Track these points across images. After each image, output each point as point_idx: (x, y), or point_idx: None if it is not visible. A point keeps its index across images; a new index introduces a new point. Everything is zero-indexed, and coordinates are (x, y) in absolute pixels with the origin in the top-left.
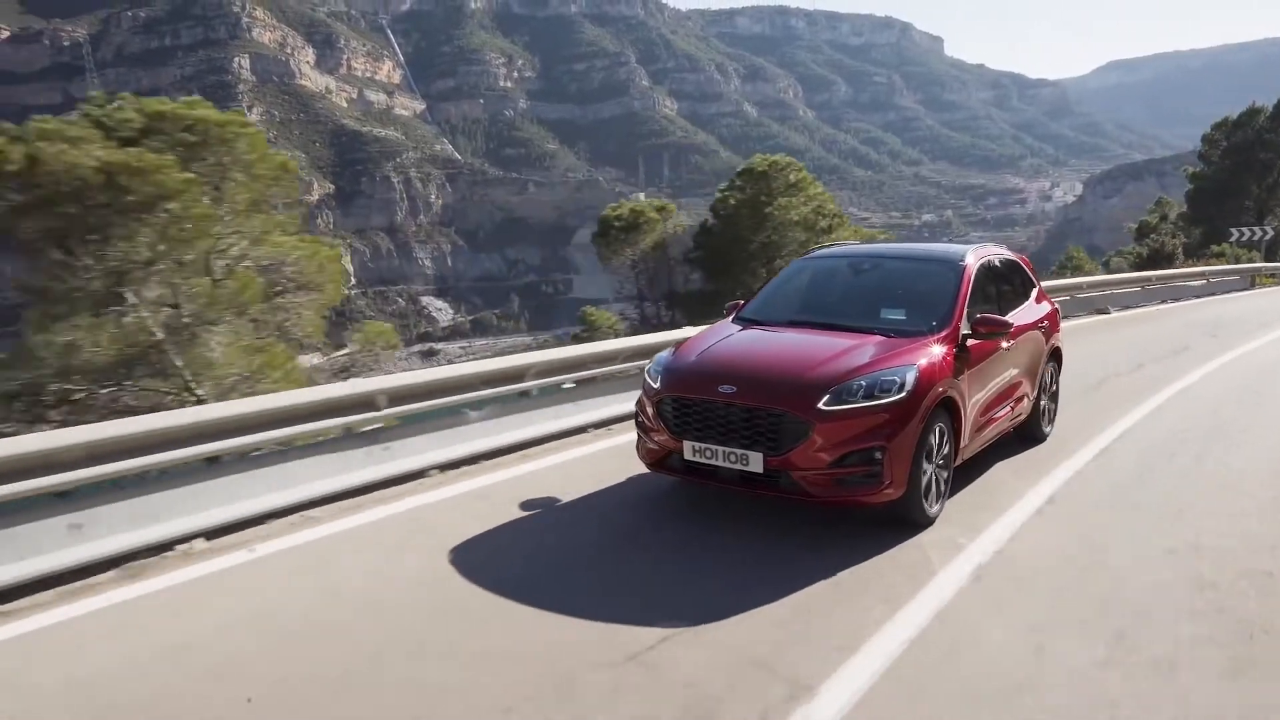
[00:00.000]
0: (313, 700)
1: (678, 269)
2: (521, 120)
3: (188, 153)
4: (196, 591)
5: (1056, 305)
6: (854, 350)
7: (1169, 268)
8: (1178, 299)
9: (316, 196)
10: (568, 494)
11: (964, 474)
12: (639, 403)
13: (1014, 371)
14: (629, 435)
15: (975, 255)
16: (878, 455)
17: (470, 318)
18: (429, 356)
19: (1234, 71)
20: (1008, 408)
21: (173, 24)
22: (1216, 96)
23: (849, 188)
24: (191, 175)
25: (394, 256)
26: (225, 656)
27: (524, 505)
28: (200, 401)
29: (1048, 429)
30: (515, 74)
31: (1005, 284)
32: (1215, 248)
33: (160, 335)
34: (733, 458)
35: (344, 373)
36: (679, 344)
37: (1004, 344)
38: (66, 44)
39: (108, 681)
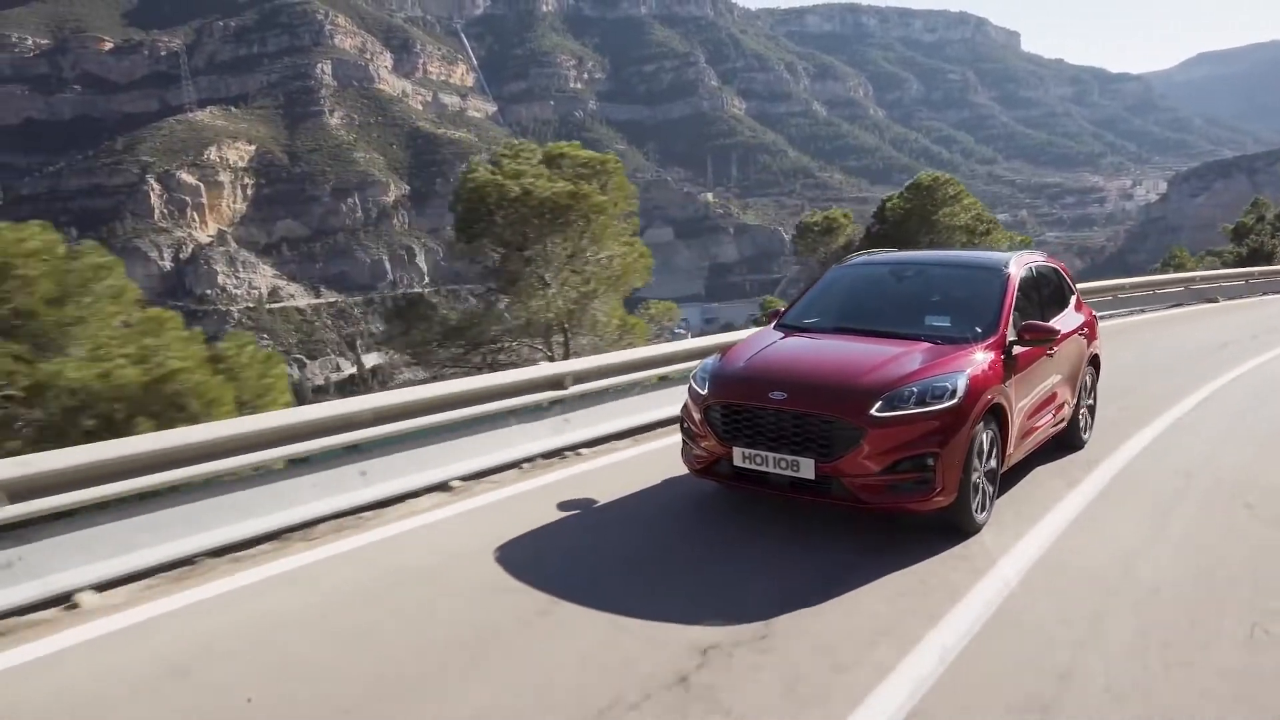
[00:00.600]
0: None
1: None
2: (591, 121)
3: (585, 179)
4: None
5: (1094, 313)
6: (903, 357)
7: (1268, 265)
8: (1277, 292)
9: (393, 197)
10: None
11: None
12: (685, 408)
13: (1056, 378)
14: None
15: (1018, 262)
16: (930, 462)
17: None
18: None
19: None
20: (1050, 414)
21: (260, 32)
22: None
23: None
24: (606, 197)
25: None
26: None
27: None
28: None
29: (1086, 436)
30: (585, 75)
31: (1046, 291)
32: None
33: (571, 306)
34: (783, 464)
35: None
36: (724, 350)
37: (1049, 351)
38: (163, 54)
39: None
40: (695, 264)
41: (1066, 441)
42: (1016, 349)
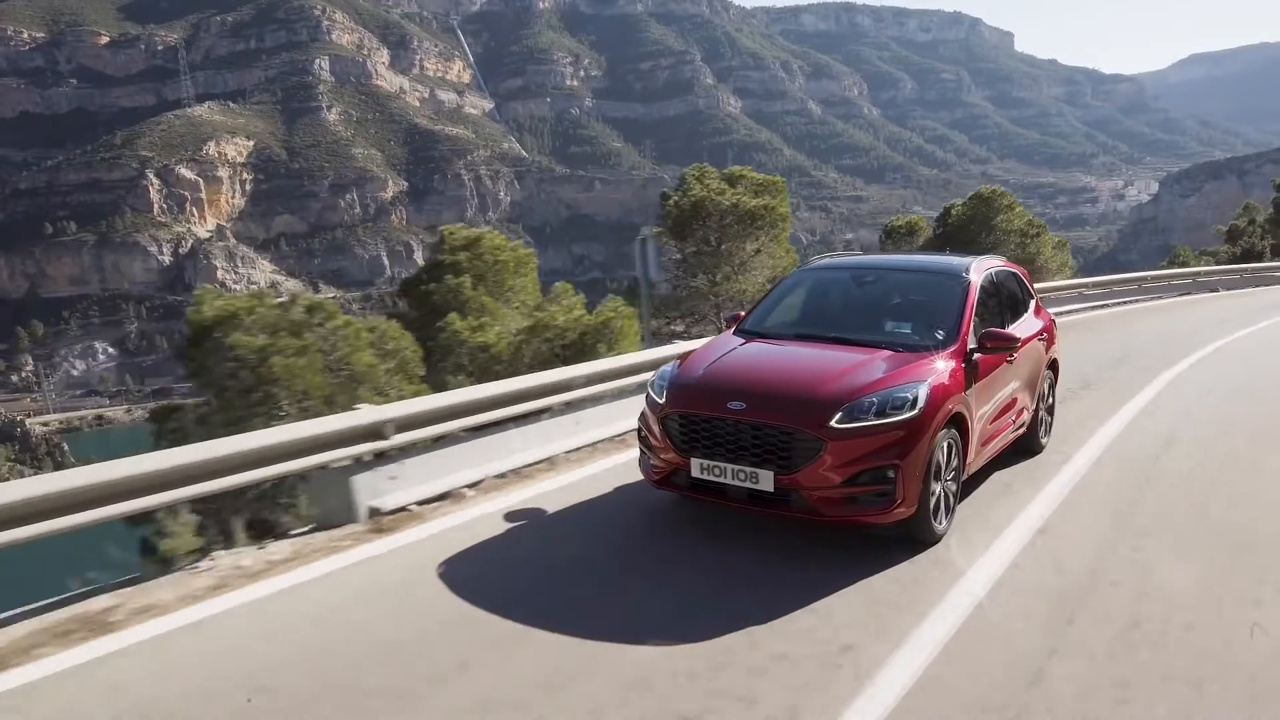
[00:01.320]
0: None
1: None
2: (587, 118)
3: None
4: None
5: (1053, 317)
6: (864, 366)
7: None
8: (1267, 284)
9: (391, 194)
10: None
11: None
12: (642, 417)
13: (1016, 385)
14: None
15: (978, 267)
16: (890, 474)
17: None
18: None
19: None
20: (1010, 421)
21: (257, 28)
22: None
23: (914, 186)
24: (787, 210)
25: None
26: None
27: None
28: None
29: (1044, 440)
30: (581, 73)
31: (1006, 297)
32: None
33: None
34: (742, 476)
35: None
36: (682, 357)
37: (1009, 357)
38: (160, 48)
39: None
40: None
41: (1024, 446)
42: (977, 356)
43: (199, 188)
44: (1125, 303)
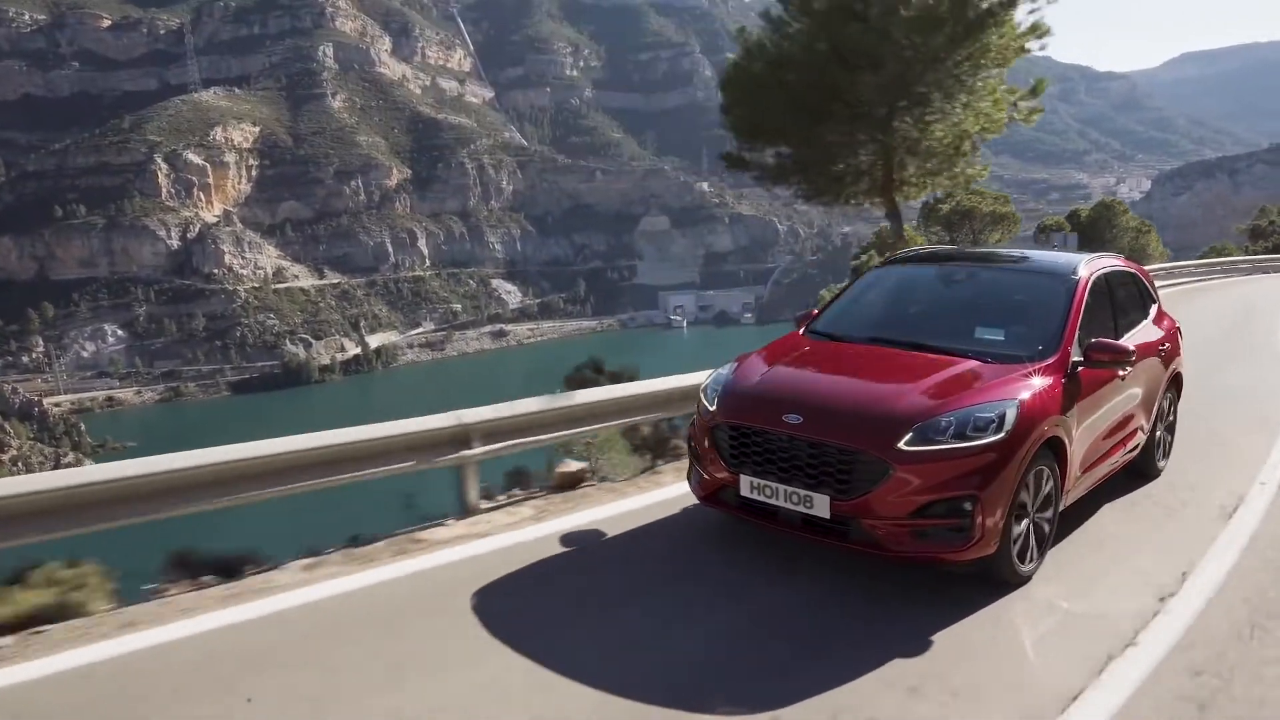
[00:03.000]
0: None
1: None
2: (586, 109)
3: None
4: None
5: (1178, 324)
6: (944, 379)
7: None
8: None
9: (395, 181)
10: None
11: None
12: (691, 426)
13: (1130, 403)
14: None
15: (1089, 267)
16: (967, 506)
17: (538, 301)
18: (499, 337)
19: None
20: (1120, 443)
21: (260, 13)
22: None
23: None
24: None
25: (466, 240)
26: None
27: None
28: None
29: (1161, 464)
30: (581, 63)
31: (1122, 300)
32: None
33: None
34: (795, 498)
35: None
36: (740, 359)
37: (1120, 371)
38: (162, 32)
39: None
40: (691, 252)
41: (1139, 469)
42: (1081, 370)
43: (206, 173)
44: (1185, 282)
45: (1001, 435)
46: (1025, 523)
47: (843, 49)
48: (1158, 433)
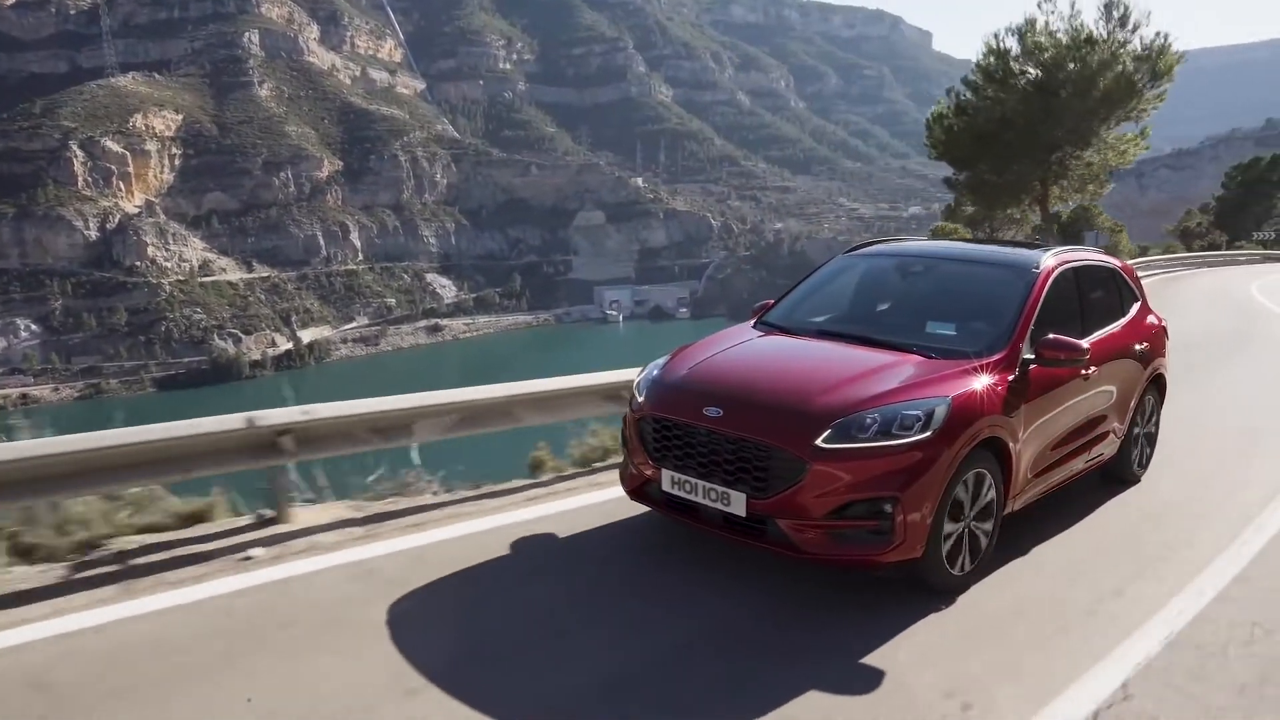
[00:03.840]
0: None
1: None
2: (520, 102)
3: None
4: None
5: (1164, 322)
6: (879, 373)
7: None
8: (1235, 265)
9: (326, 173)
10: None
11: None
12: (624, 418)
13: (1097, 404)
14: None
15: (1056, 259)
16: (887, 507)
17: (473, 295)
18: (434, 332)
19: (1211, 75)
20: (1085, 447)
21: None
22: (1191, 101)
23: (839, 178)
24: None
25: (400, 234)
26: None
27: None
28: None
29: (1139, 470)
30: (514, 56)
31: (1095, 295)
32: (1241, 242)
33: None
34: (713, 495)
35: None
36: (677, 350)
37: (1084, 371)
38: (73, 12)
39: None
40: (626, 247)
41: (1115, 474)
42: (1034, 368)
43: (126, 161)
44: (1157, 274)
45: (928, 434)
46: (959, 526)
47: (1042, 114)
48: (1137, 437)
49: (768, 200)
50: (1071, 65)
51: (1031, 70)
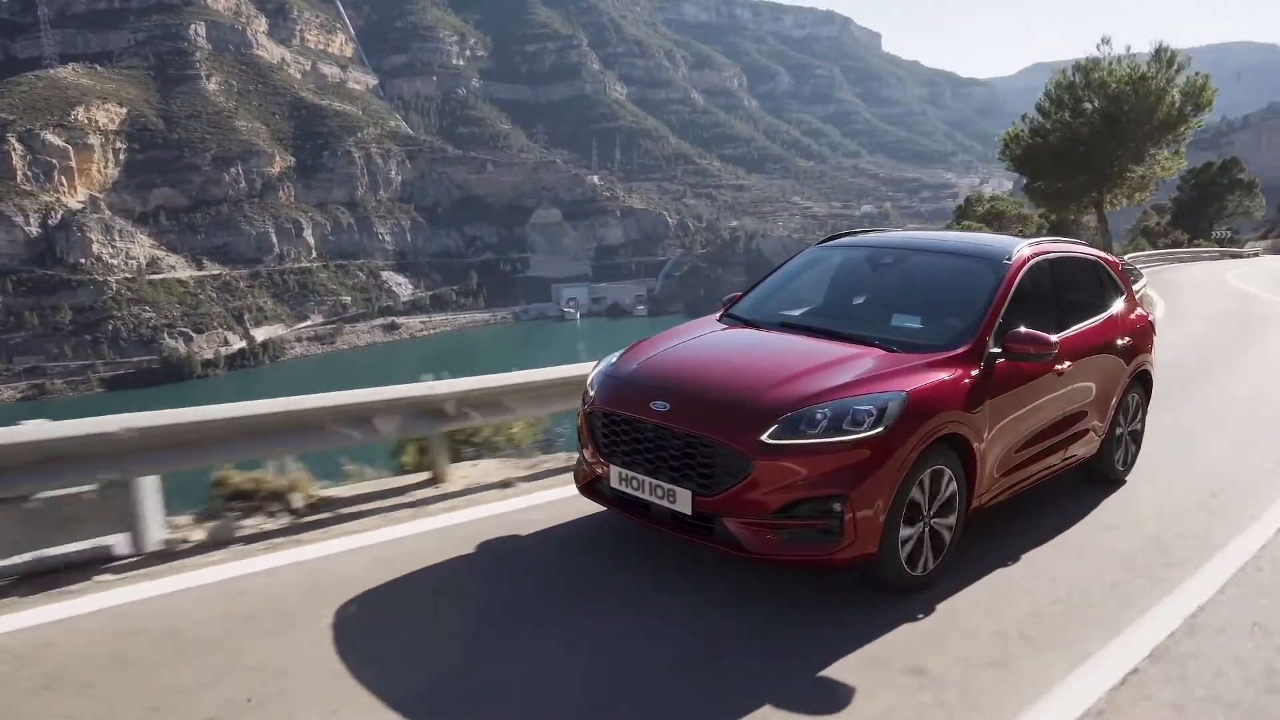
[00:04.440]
0: None
1: None
2: (474, 99)
3: None
4: None
5: (1150, 317)
6: (833, 366)
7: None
8: (1198, 260)
9: (278, 169)
10: None
11: None
12: (578, 414)
13: (1074, 401)
14: None
15: (1030, 250)
16: (836, 506)
17: (430, 293)
18: (391, 330)
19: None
20: (1059, 446)
21: None
22: None
23: (792, 177)
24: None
25: (355, 231)
26: None
27: None
28: None
29: (1123, 471)
30: (468, 52)
31: (1074, 288)
32: (1199, 240)
33: None
34: (659, 492)
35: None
36: (632, 345)
37: (1058, 366)
38: (4, 0)
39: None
40: (583, 245)
41: (1098, 474)
42: (1000, 362)
43: (68, 155)
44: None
45: (879, 430)
46: (917, 526)
47: (1107, 136)
48: (1120, 436)
49: (723, 198)
50: (1130, 98)
51: (1095, 100)
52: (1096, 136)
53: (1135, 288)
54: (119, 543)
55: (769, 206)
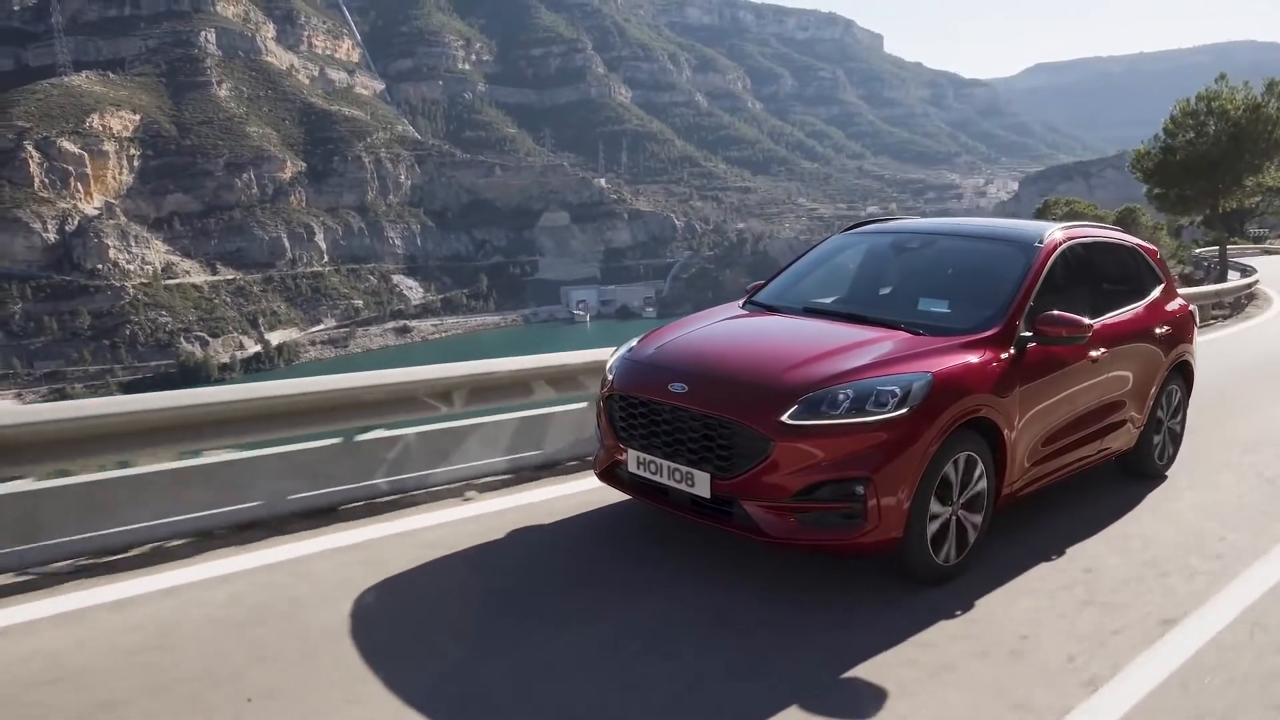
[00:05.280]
0: None
1: None
2: (480, 103)
3: None
4: None
5: (1191, 307)
6: (857, 349)
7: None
8: (1245, 254)
9: (289, 174)
10: None
11: None
12: (598, 399)
13: (1110, 390)
14: None
15: (1063, 234)
16: (859, 489)
17: (440, 296)
18: (403, 333)
19: (1151, 79)
20: (1096, 435)
21: None
22: (1133, 103)
23: (797, 179)
24: None
25: (365, 235)
26: None
27: None
28: None
29: (1163, 463)
30: (473, 57)
31: (1110, 274)
32: (1236, 239)
33: None
34: (678, 476)
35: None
36: (651, 331)
37: (1092, 353)
38: (16, 8)
39: None
40: (591, 247)
41: (1137, 468)
42: (1031, 346)
43: (84, 162)
44: None
45: (904, 411)
46: (944, 512)
47: (1232, 154)
48: (1161, 428)
49: (729, 200)
50: (1249, 122)
51: (1216, 124)
52: (1223, 153)
53: (1246, 282)
54: None
55: (775, 208)
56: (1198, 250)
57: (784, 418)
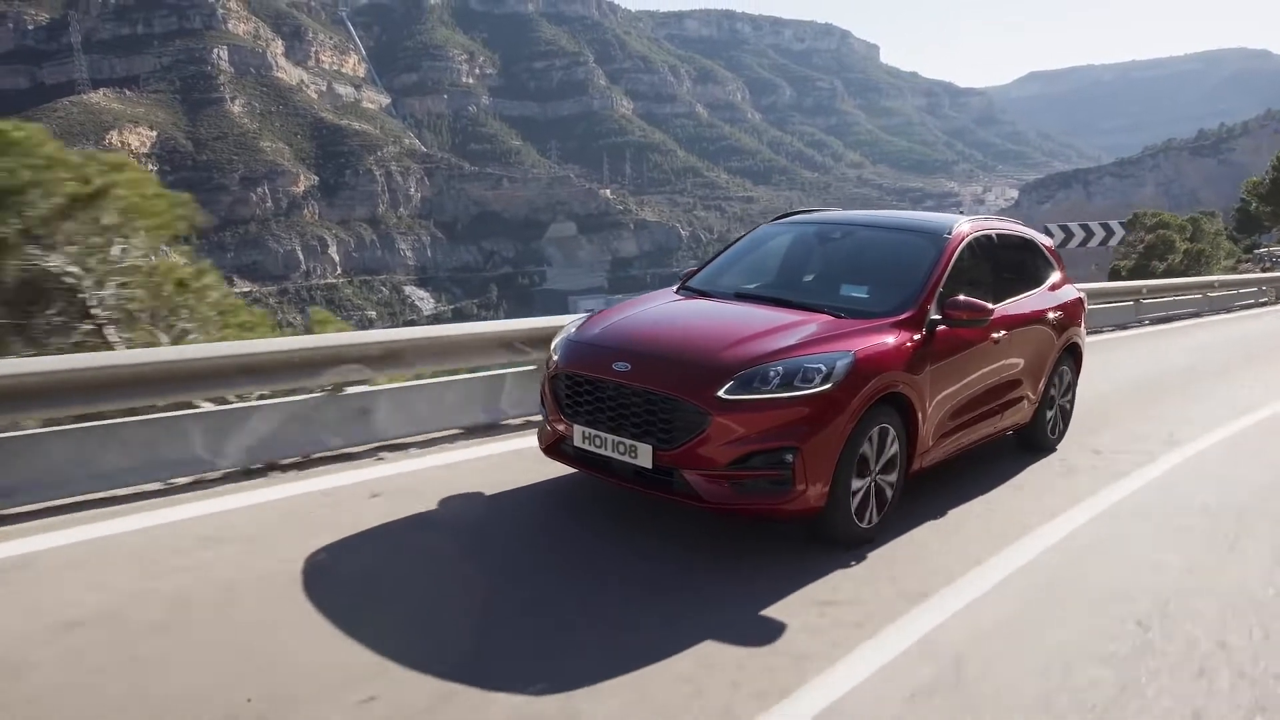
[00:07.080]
0: None
1: None
2: (485, 116)
3: None
4: None
5: (1082, 294)
6: (785, 330)
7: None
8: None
9: (302, 188)
10: None
11: None
12: (542, 379)
13: (1008, 370)
14: None
15: (969, 226)
16: (788, 457)
17: (451, 306)
18: None
19: (1143, 86)
20: (995, 410)
21: (144, 11)
22: (1125, 110)
23: (798, 188)
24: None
25: (376, 247)
26: None
27: None
28: None
29: (1054, 436)
30: (477, 70)
31: (1010, 264)
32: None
33: None
34: (622, 448)
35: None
36: (594, 312)
37: (994, 335)
38: (31, 27)
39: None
40: (598, 257)
41: (1031, 441)
42: (941, 329)
43: None
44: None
45: (828, 386)
46: (865, 480)
47: None
48: (1052, 405)
49: (732, 210)
50: None
51: None
52: None
53: None
54: None
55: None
56: (1259, 250)
57: (720, 393)
